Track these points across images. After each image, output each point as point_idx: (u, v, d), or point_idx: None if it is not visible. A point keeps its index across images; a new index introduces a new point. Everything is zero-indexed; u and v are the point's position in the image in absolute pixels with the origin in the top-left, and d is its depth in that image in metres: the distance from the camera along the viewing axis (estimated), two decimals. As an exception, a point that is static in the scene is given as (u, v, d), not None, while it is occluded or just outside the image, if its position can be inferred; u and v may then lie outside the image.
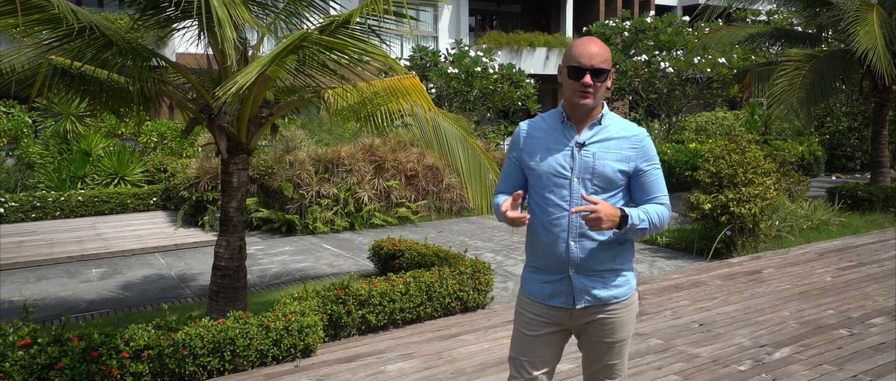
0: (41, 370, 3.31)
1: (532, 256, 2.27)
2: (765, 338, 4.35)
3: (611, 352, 2.26)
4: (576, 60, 2.08)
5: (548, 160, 2.16)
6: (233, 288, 4.45)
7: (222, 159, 4.33)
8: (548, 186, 2.16)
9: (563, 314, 2.23)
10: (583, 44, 2.10)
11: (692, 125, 19.10)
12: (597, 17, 22.12)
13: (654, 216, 2.14)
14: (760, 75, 10.62)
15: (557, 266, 2.18)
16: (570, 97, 2.13)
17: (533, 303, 2.27)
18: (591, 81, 2.07)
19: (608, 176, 2.13)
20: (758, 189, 6.90)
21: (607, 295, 2.20)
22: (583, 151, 2.14)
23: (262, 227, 9.09)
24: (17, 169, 11.27)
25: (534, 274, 2.27)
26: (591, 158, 2.13)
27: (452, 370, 3.92)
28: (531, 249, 2.27)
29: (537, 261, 2.25)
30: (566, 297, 2.20)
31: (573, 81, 2.09)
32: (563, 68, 2.16)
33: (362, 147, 9.46)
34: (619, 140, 2.17)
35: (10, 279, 6.75)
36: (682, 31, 15.02)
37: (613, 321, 2.22)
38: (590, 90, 2.09)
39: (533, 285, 2.27)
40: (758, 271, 6.19)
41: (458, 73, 13.22)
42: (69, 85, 3.75)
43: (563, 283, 2.19)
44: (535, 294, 2.25)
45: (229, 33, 3.00)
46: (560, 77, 2.18)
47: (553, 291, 2.21)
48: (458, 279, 5.09)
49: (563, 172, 2.14)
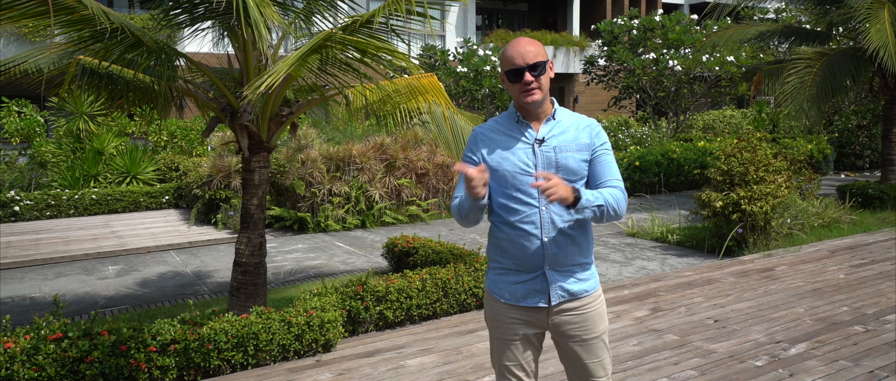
0: (72, 363, 3.38)
1: (500, 257, 2.23)
2: (780, 334, 4.39)
3: (592, 349, 2.24)
4: (511, 63, 2.12)
5: (510, 160, 2.17)
6: (253, 284, 4.51)
7: (243, 157, 4.39)
8: (514, 185, 2.16)
9: (539, 315, 2.21)
10: (513, 45, 2.14)
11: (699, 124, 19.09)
12: (603, 15, 22.13)
13: (607, 196, 2.14)
14: (769, 73, 10.63)
15: (531, 264, 2.17)
16: (517, 99, 2.17)
17: (506, 307, 2.23)
18: (531, 77, 2.11)
19: (572, 168, 2.17)
20: (769, 187, 6.93)
21: (579, 289, 2.21)
22: (543, 147, 2.17)
23: (275, 225, 9.16)
24: (30, 168, 11.38)
25: (503, 276, 2.23)
26: (553, 153, 2.16)
27: (472, 364, 3.97)
28: (498, 250, 2.24)
29: (506, 262, 2.21)
30: (541, 296, 2.18)
31: (515, 83, 2.13)
32: (503, 76, 2.19)
33: (373, 145, 9.53)
34: (574, 130, 2.21)
35: (28, 276, 6.84)
36: (691, 29, 15.02)
37: (588, 314, 2.22)
38: (533, 86, 2.12)
39: (503, 287, 2.23)
40: (770, 268, 6.23)
41: (466, 71, 13.26)
42: (97, 84, 3.82)
43: (538, 281, 2.18)
44: (508, 297, 2.22)
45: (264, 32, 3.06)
46: (504, 84, 2.21)
47: (527, 291, 2.19)
48: (474, 276, 5.15)
49: (527, 170, 2.15)
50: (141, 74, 3.98)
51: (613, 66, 15.86)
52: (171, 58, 3.72)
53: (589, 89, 21.85)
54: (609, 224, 9.08)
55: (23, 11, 3.21)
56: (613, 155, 2.26)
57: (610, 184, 2.19)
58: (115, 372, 3.46)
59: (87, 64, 3.73)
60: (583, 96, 22.05)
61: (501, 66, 2.17)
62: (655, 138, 14.69)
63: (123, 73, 3.93)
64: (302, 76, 3.97)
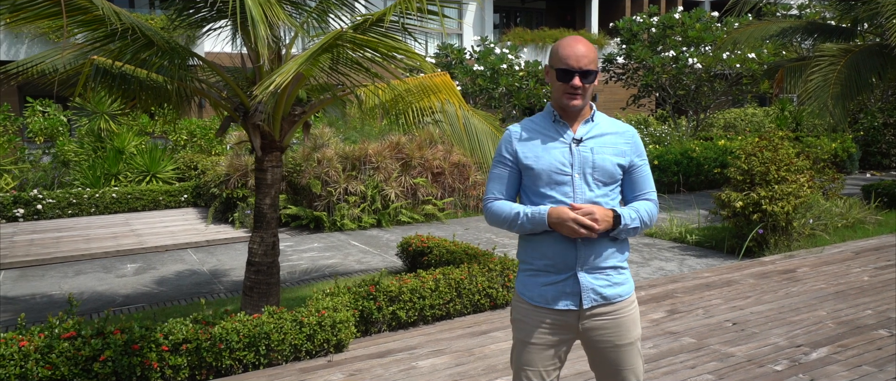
0: (85, 362, 3.40)
1: (531, 258, 2.19)
2: (801, 338, 4.28)
3: (627, 356, 2.20)
4: (564, 62, 2.08)
5: (546, 158, 2.13)
6: (266, 284, 4.51)
7: (256, 157, 4.40)
8: (549, 184, 2.12)
9: (570, 318, 2.16)
10: (570, 44, 2.09)
11: (720, 122, 18.83)
12: (622, 12, 21.92)
13: (643, 215, 2.17)
14: (792, 71, 10.43)
15: (564, 265, 2.12)
16: (558, 99, 2.14)
17: (536, 309, 2.18)
18: (580, 83, 2.08)
19: (608, 170, 2.15)
20: (791, 187, 6.79)
21: (612, 293, 2.16)
22: (580, 146, 2.14)
23: (291, 224, 9.19)
24: (54, 167, 11.55)
25: (533, 278, 2.18)
26: (590, 154, 2.14)
27: (484, 366, 3.93)
28: (530, 251, 2.19)
29: (538, 263, 2.17)
30: (573, 298, 2.13)
31: (562, 83, 2.10)
32: (549, 69, 2.15)
33: (389, 145, 9.52)
34: (613, 135, 2.20)
35: (49, 274, 6.94)
36: (711, 26, 14.80)
37: (622, 320, 2.18)
38: (579, 92, 2.10)
39: (534, 289, 2.18)
40: (792, 270, 6.10)
41: (483, 70, 13.21)
42: (111, 84, 3.84)
43: (569, 282, 2.13)
44: (538, 299, 2.16)
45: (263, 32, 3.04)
46: (548, 78, 2.18)
47: (557, 292, 2.14)
48: (488, 276, 5.10)
49: (563, 169, 2.12)
50: (154, 74, 4.00)
51: (632, 64, 15.69)
52: (183, 57, 3.72)
53: (607, 88, 21.66)
54: (627, 224, 8.96)
55: (37, 12, 3.23)
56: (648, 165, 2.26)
57: (646, 197, 2.22)
58: (128, 371, 3.47)
59: (101, 64, 3.75)
60: (601, 95, 21.87)
61: (551, 60, 2.13)
62: (675, 137, 14.51)
63: (137, 73, 3.94)
64: (314, 76, 3.96)
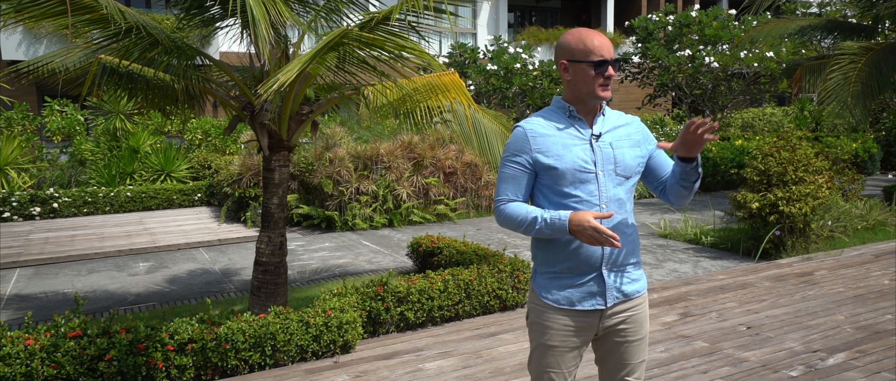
0: (91, 361, 3.40)
1: (551, 261, 2.12)
2: (817, 343, 4.18)
3: (639, 350, 2.22)
4: (598, 53, 2.01)
5: (569, 157, 2.06)
6: (274, 284, 4.50)
7: (264, 156, 4.38)
8: (573, 183, 2.05)
9: (592, 318, 2.13)
10: (594, 36, 2.03)
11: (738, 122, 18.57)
12: (638, 11, 21.72)
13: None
14: (811, 69, 10.25)
15: (588, 266, 2.08)
16: (591, 91, 2.05)
17: (558, 312, 2.13)
18: (613, 72, 2.04)
19: (630, 164, 2.12)
20: (809, 188, 6.65)
21: (632, 289, 2.16)
22: (600, 142, 2.10)
23: (303, 223, 9.20)
24: (71, 165, 11.68)
25: (554, 280, 2.13)
26: (610, 149, 2.10)
27: (491, 369, 3.88)
28: (549, 254, 2.13)
29: (560, 265, 2.11)
30: (597, 298, 2.11)
31: (598, 74, 2.03)
32: (571, 64, 2.05)
33: (401, 144, 9.49)
34: (624, 127, 2.18)
35: (63, 272, 6.99)
36: (729, 24, 14.60)
37: (638, 315, 2.18)
38: (610, 82, 2.06)
39: (556, 292, 2.13)
40: (809, 272, 5.97)
41: (496, 69, 13.13)
42: (117, 83, 3.84)
43: (594, 283, 2.10)
44: (562, 301, 2.12)
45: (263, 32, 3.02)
46: (568, 74, 2.08)
47: (582, 294, 2.11)
48: (497, 278, 5.05)
49: (587, 167, 2.07)
50: (161, 73, 3.99)
51: (648, 63, 15.53)
52: (188, 56, 3.71)
53: (623, 87, 21.47)
54: (641, 225, 8.85)
55: (43, 11, 3.23)
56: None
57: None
58: (133, 371, 3.47)
59: (108, 63, 3.75)
60: (616, 94, 21.68)
61: (576, 54, 2.03)
62: (691, 137, 14.31)
63: (144, 72, 3.94)
64: (320, 74, 3.93)
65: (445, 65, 13.59)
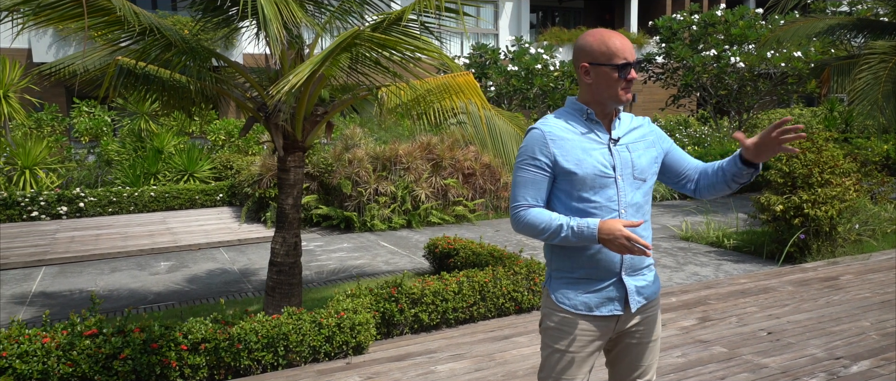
0: (105, 360, 3.45)
1: (569, 266, 2.07)
2: (841, 350, 4.06)
3: (652, 352, 2.19)
4: (621, 56, 1.95)
5: (589, 162, 2.01)
6: (288, 284, 4.51)
7: (279, 157, 4.40)
8: (592, 189, 2.01)
9: (610, 323, 2.10)
10: (616, 38, 1.97)
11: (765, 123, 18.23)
12: (663, 10, 21.46)
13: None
14: (840, 69, 10.01)
15: (607, 272, 2.04)
16: (613, 95, 1.99)
17: (576, 318, 2.08)
18: (635, 74, 2.00)
19: (645, 167, 2.09)
20: (835, 190, 6.49)
21: (651, 292, 2.14)
22: (618, 146, 2.07)
23: (322, 223, 9.24)
24: (97, 165, 11.91)
25: (572, 286, 2.08)
26: (628, 153, 2.06)
27: (504, 372, 3.84)
28: (565, 260, 2.08)
29: (578, 271, 2.06)
30: (616, 303, 2.07)
31: (621, 77, 1.97)
32: (593, 67, 1.98)
33: (420, 145, 9.48)
34: (638, 129, 2.14)
35: (87, 270, 7.12)
36: (755, 24, 14.33)
37: (652, 317, 2.16)
38: (631, 85, 2.03)
39: (575, 298, 2.08)
40: (834, 277, 5.81)
41: (517, 70, 13.07)
42: (134, 84, 3.89)
43: (614, 288, 2.06)
44: (581, 307, 2.07)
45: (275, 31, 3.02)
46: (588, 77, 2.01)
47: (601, 299, 2.06)
48: (513, 280, 5.01)
49: (606, 172, 2.02)
50: (177, 74, 4.03)
51: (672, 63, 15.32)
52: (203, 58, 3.74)
53: (646, 88, 21.23)
54: (662, 228, 8.73)
55: (61, 14, 3.28)
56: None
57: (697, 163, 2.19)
58: (147, 369, 3.50)
59: (125, 65, 3.79)
60: (640, 95, 21.45)
61: (595, 57, 1.97)
62: (715, 138, 14.10)
63: (160, 73, 3.98)
64: (334, 76, 3.93)
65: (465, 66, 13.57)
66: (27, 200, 9.82)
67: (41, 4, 3.18)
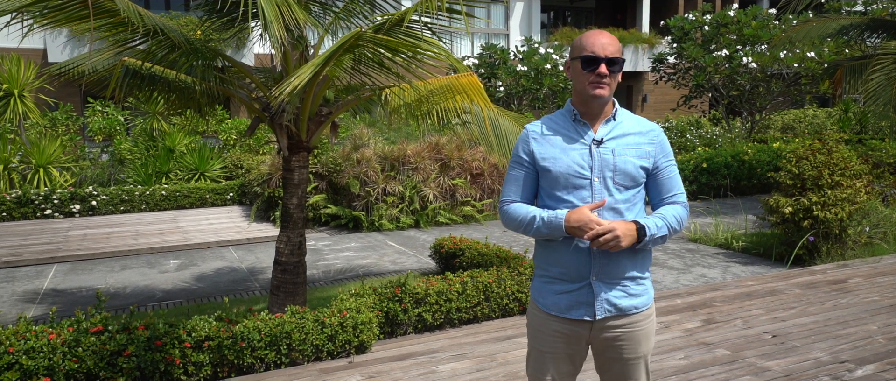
0: (110, 356, 3.49)
1: (546, 264, 2.11)
2: (846, 353, 4.02)
3: (634, 370, 2.12)
4: (588, 50, 1.99)
5: (565, 161, 2.04)
6: (292, 283, 4.54)
7: (283, 157, 4.43)
8: (566, 188, 2.03)
9: (582, 329, 2.08)
10: (593, 35, 2.01)
11: (778, 124, 18.07)
12: (675, 10, 21.34)
13: (671, 220, 2.04)
14: (852, 70, 9.90)
15: (578, 274, 2.04)
16: (583, 90, 2.03)
17: (549, 317, 2.11)
18: (606, 70, 1.99)
19: (630, 173, 2.04)
20: (846, 192, 6.42)
21: (628, 305, 2.06)
22: (601, 148, 2.04)
23: (330, 223, 9.29)
24: (111, 164, 12.04)
25: (548, 285, 2.12)
26: (611, 156, 2.03)
27: (505, 372, 3.84)
28: (545, 257, 2.12)
29: (552, 270, 2.09)
30: (586, 308, 2.05)
31: (587, 72, 2.00)
32: (571, 62, 2.06)
33: (428, 145, 9.50)
34: (636, 135, 2.08)
35: (98, 268, 7.20)
36: (768, 24, 14.20)
37: (635, 333, 2.09)
38: (605, 80, 2.00)
39: (548, 297, 2.11)
40: (843, 280, 5.76)
41: (527, 70, 13.05)
42: (140, 85, 3.94)
43: (583, 292, 2.05)
44: (552, 307, 2.10)
45: (276, 32, 3.05)
46: (569, 73, 2.09)
47: (571, 302, 2.06)
48: (517, 280, 5.01)
49: (582, 172, 2.03)
50: (182, 75, 4.07)
51: (683, 63, 15.22)
52: (207, 58, 3.78)
53: (658, 88, 21.11)
54: (670, 229, 8.68)
55: (68, 15, 3.33)
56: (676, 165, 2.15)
57: (674, 200, 2.11)
58: (151, 366, 3.54)
59: (131, 65, 3.84)
60: (652, 95, 21.34)
61: (572, 53, 2.05)
62: (727, 139, 14.00)
63: (165, 73, 4.03)
64: (338, 76, 3.95)
65: (474, 66, 13.55)
66: (41, 198, 9.95)
67: (48, 6, 3.23)
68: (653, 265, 6.68)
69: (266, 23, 3.02)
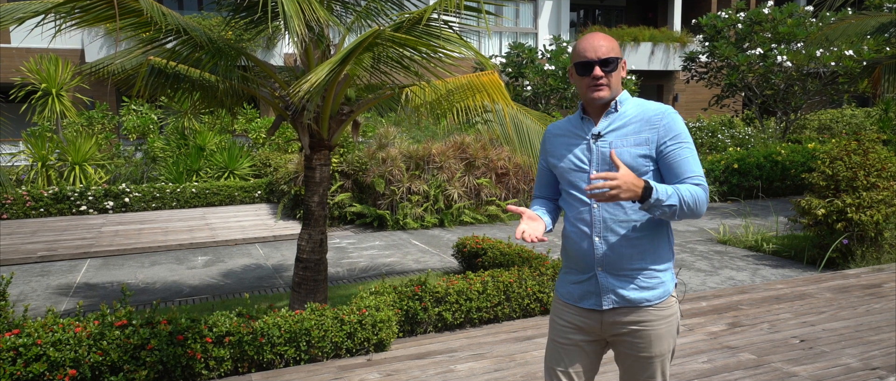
0: (134, 350, 3.56)
1: (564, 255, 2.21)
2: (877, 360, 3.89)
3: (648, 367, 2.10)
4: (581, 56, 2.03)
5: (567, 156, 2.12)
6: (314, 280, 4.58)
7: (305, 155, 4.47)
8: (570, 183, 2.12)
9: (593, 319, 2.12)
10: (586, 39, 2.04)
11: (814, 123, 17.60)
12: (708, 8, 20.95)
13: (684, 193, 1.92)
14: (892, 68, 9.58)
15: (585, 265, 2.09)
16: (584, 94, 2.08)
17: (564, 306, 2.19)
18: (600, 72, 2.00)
19: (628, 164, 2.00)
20: (882, 194, 6.22)
21: (637, 297, 2.04)
22: (599, 142, 2.05)
23: (356, 221, 9.35)
24: (144, 162, 12.32)
25: (566, 275, 2.20)
26: (608, 148, 2.04)
27: (523, 373, 3.81)
28: (564, 249, 2.20)
29: (568, 261, 2.18)
30: (595, 298, 2.10)
31: (584, 77, 2.04)
32: (572, 68, 2.11)
33: (453, 144, 9.49)
34: (636, 124, 2.04)
35: (128, 263, 7.37)
36: (804, 21, 13.85)
37: (648, 331, 2.06)
38: (602, 82, 2.01)
39: (564, 286, 2.19)
40: (877, 284, 5.58)
41: (554, 70, 12.95)
42: (164, 84, 4.01)
43: (591, 282, 2.09)
44: (566, 296, 2.18)
45: (296, 28, 3.07)
46: (571, 79, 2.15)
47: (582, 292, 2.12)
48: (538, 281, 4.97)
49: (581, 166, 2.08)
50: (206, 73, 4.13)
51: (715, 62, 14.94)
52: (231, 58, 3.83)
53: (689, 87, 20.76)
54: (699, 231, 8.53)
55: (96, 14, 3.40)
56: (692, 147, 2.02)
57: (690, 181, 1.98)
58: (173, 360, 3.60)
59: (156, 64, 3.91)
60: (683, 95, 20.99)
61: (572, 57, 2.11)
62: (760, 139, 13.69)
63: (190, 72, 4.09)
64: (358, 75, 3.97)
65: (502, 65, 13.50)
66: (76, 194, 10.22)
67: (77, 6, 3.30)
68: (678, 267, 6.56)
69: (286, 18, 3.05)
